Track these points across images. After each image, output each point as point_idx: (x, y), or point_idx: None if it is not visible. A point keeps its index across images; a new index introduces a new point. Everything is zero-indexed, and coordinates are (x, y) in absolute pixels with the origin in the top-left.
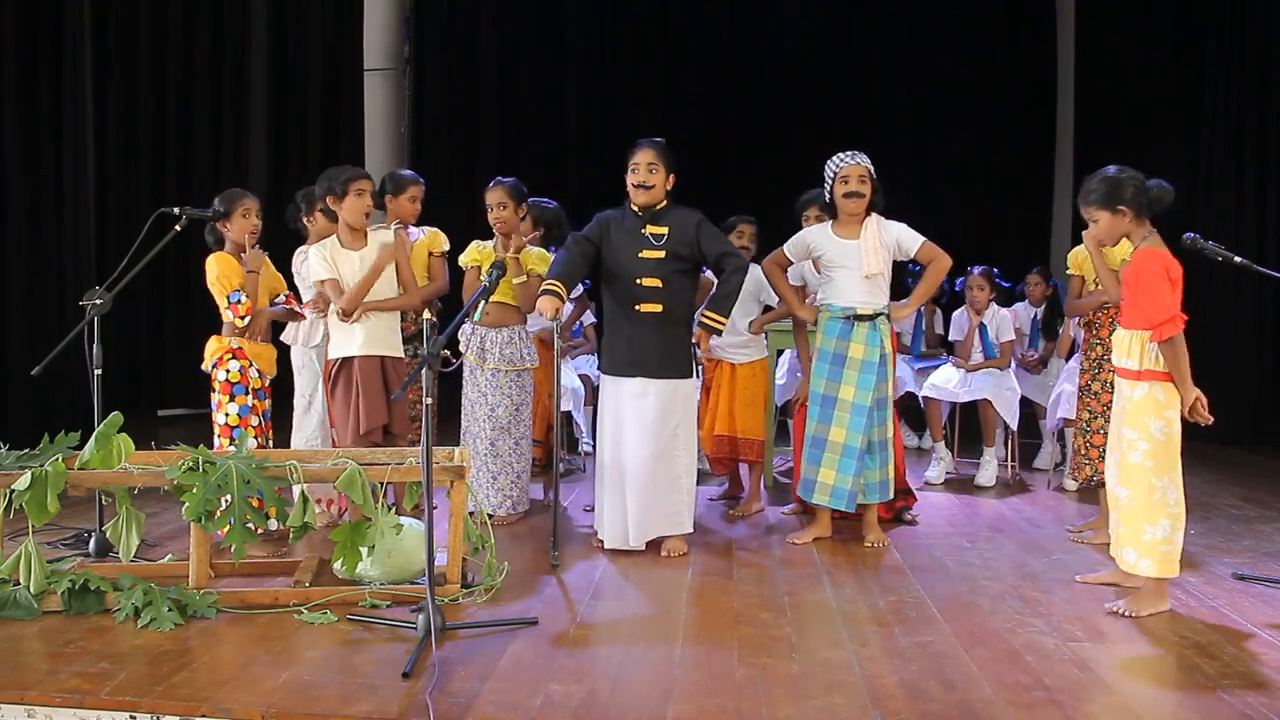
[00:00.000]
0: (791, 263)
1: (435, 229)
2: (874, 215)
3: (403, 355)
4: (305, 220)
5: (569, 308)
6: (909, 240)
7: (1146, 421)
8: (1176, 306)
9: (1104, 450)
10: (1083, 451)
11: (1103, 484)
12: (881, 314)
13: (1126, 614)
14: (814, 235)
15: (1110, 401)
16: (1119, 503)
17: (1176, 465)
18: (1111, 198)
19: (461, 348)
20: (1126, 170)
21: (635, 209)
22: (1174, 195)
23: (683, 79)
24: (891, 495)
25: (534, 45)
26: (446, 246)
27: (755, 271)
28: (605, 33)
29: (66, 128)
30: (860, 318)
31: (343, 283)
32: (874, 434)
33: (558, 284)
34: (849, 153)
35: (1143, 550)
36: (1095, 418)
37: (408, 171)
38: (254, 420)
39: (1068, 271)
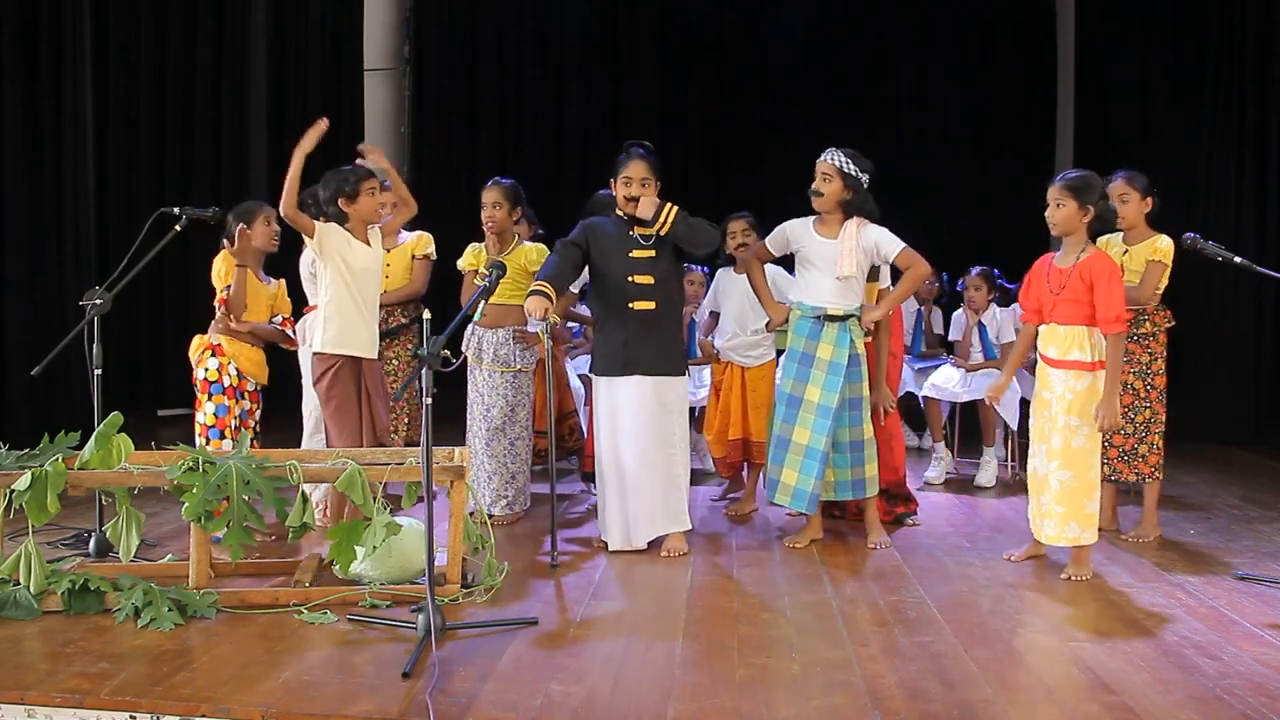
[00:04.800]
0: (773, 255)
1: (424, 233)
2: (856, 219)
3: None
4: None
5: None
6: (888, 245)
7: (1090, 409)
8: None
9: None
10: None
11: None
12: (853, 315)
13: (1077, 578)
14: (795, 228)
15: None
16: (1058, 485)
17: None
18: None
19: (462, 347)
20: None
21: (620, 213)
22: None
23: (683, 78)
24: (874, 492)
25: (534, 45)
26: (431, 249)
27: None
28: (606, 32)
29: (67, 128)
30: (831, 318)
31: (345, 265)
32: (843, 435)
33: (546, 285)
34: (829, 149)
35: (1084, 522)
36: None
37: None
38: (231, 422)
39: (1154, 259)
